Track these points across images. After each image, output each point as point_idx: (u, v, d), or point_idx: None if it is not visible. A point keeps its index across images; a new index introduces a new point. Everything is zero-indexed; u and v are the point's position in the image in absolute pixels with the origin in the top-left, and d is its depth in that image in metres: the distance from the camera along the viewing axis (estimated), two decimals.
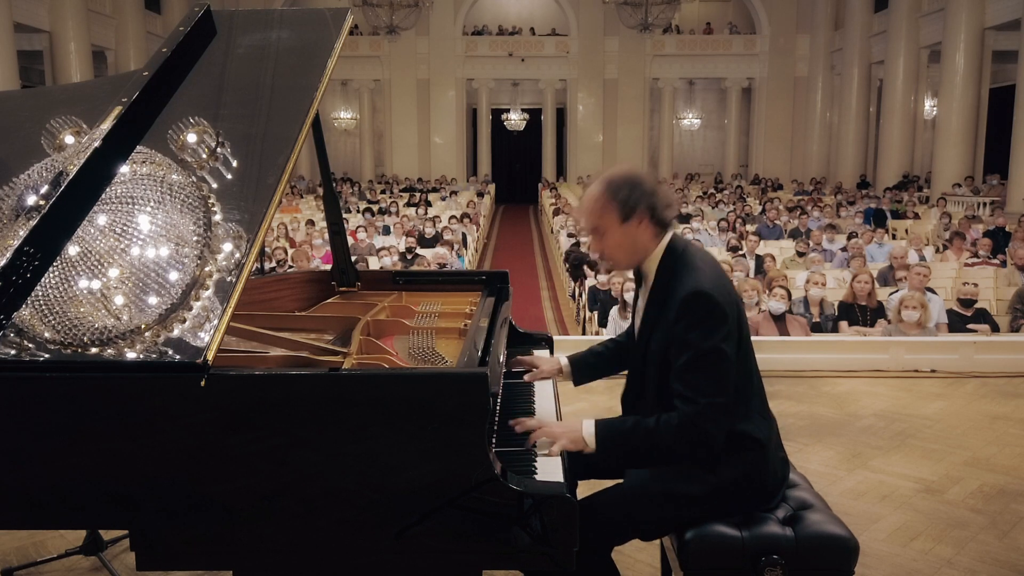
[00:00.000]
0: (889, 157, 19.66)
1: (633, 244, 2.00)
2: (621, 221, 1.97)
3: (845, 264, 8.91)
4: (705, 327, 1.87)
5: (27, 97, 2.73)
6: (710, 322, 1.88)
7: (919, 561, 2.98)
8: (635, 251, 2.02)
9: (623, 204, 1.95)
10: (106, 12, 18.52)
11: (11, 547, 3.02)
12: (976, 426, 4.56)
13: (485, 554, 1.69)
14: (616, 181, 1.98)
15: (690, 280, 1.92)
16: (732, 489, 1.96)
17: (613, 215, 1.97)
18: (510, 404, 2.24)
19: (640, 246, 2.01)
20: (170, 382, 1.64)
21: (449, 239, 11.05)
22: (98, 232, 1.78)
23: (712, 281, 1.92)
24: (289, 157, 2.04)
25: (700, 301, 1.88)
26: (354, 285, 3.03)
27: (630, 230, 1.98)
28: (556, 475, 1.80)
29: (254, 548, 1.70)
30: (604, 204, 1.97)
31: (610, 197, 1.96)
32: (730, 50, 25.66)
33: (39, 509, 1.71)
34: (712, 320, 1.88)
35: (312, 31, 2.53)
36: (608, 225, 1.98)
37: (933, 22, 17.71)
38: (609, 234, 2.00)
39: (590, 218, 2.01)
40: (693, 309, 1.88)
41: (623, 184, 1.97)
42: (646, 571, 2.86)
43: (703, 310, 1.88)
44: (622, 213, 1.96)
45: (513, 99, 26.90)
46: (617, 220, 1.97)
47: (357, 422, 1.64)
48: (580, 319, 8.58)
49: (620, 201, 1.96)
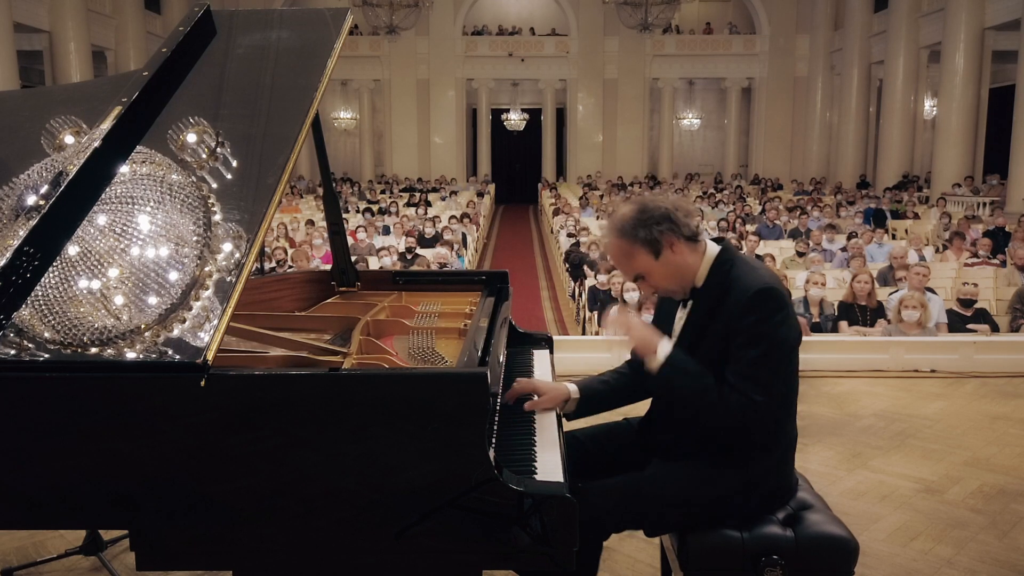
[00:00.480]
0: (889, 157, 19.66)
1: (678, 270, 1.98)
2: (655, 258, 1.95)
3: (845, 264, 8.91)
4: (779, 321, 1.88)
5: (27, 97, 2.73)
6: (781, 315, 1.88)
7: (919, 561, 2.98)
8: (684, 275, 1.99)
9: (646, 243, 1.93)
10: (106, 12, 18.51)
11: (11, 547, 3.02)
12: (976, 426, 4.56)
13: (485, 554, 1.69)
14: (628, 224, 1.95)
15: (754, 278, 1.91)
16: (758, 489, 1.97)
17: (644, 257, 1.95)
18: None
19: (685, 267, 1.98)
20: (170, 382, 1.64)
21: (449, 239, 11.04)
22: (98, 232, 1.78)
23: (773, 280, 1.92)
24: (289, 157, 2.03)
25: (772, 295, 1.88)
26: (354, 285, 3.03)
27: (668, 260, 1.95)
28: (556, 475, 1.80)
29: (254, 548, 1.70)
30: (630, 251, 1.96)
31: (631, 242, 1.94)
32: (730, 50, 25.66)
33: (39, 509, 1.71)
34: (783, 314, 1.89)
35: (312, 31, 2.53)
36: (646, 267, 1.96)
37: (933, 22, 17.70)
38: (652, 274, 1.98)
39: (626, 270, 2.01)
40: (766, 303, 1.88)
41: (635, 224, 1.94)
42: (646, 571, 2.86)
43: (775, 304, 1.88)
44: (652, 250, 1.94)
45: (513, 99, 26.90)
46: (651, 259, 1.95)
47: (357, 422, 1.64)
48: (580, 319, 8.58)
49: (642, 241, 1.93)
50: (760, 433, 1.93)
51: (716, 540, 1.91)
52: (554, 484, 1.73)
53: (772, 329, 1.87)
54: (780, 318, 1.88)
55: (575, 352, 5.61)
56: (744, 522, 1.94)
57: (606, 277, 7.59)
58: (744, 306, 1.88)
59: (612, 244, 2.00)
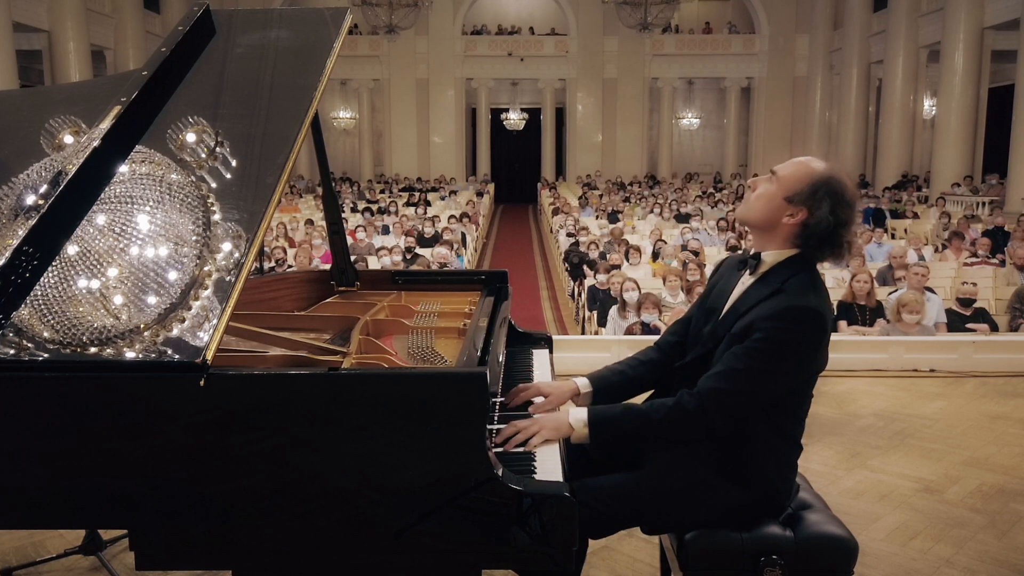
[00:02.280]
0: (888, 157, 19.67)
1: (770, 220, 1.88)
2: (785, 197, 1.85)
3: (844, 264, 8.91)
4: (797, 338, 1.80)
5: (26, 97, 2.72)
6: (805, 336, 1.81)
7: (918, 560, 2.98)
8: (763, 227, 1.90)
9: (805, 193, 1.83)
10: (105, 11, 18.51)
11: (10, 547, 3.01)
12: (975, 426, 4.57)
13: (485, 554, 1.69)
14: (832, 179, 1.84)
15: (813, 298, 1.83)
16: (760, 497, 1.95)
17: (792, 187, 1.84)
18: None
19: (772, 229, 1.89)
20: (169, 382, 1.64)
21: (448, 239, 11.04)
22: (97, 231, 1.78)
23: (823, 306, 1.84)
24: (288, 157, 2.03)
25: (808, 316, 1.80)
26: (353, 285, 3.03)
27: (781, 210, 1.86)
28: (556, 475, 1.80)
29: (253, 548, 1.70)
30: (803, 177, 1.84)
31: (812, 181, 1.83)
32: (729, 50, 25.67)
33: (38, 509, 1.71)
34: (809, 337, 1.81)
35: (311, 30, 2.53)
36: (781, 187, 1.86)
37: (932, 22, 17.71)
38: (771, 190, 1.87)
39: (784, 167, 1.89)
40: (796, 319, 1.80)
41: (832, 185, 1.83)
42: (646, 571, 2.86)
43: (806, 325, 1.80)
44: (796, 195, 1.84)
45: (512, 99, 26.91)
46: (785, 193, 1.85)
47: (356, 422, 1.64)
48: (579, 319, 8.58)
49: (807, 191, 1.83)
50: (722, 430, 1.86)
51: (715, 540, 1.91)
52: (553, 484, 1.72)
53: (781, 335, 1.79)
54: (801, 337, 1.81)
55: (575, 352, 5.61)
56: (743, 522, 1.94)
57: (605, 277, 7.60)
58: (782, 312, 1.81)
59: (814, 164, 1.88)
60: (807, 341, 1.82)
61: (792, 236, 1.89)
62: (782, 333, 1.80)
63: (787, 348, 1.81)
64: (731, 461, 1.94)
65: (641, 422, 1.90)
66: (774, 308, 1.82)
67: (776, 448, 1.97)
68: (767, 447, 1.95)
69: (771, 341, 1.80)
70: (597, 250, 10.37)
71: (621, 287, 6.63)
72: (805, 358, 1.85)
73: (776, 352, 1.81)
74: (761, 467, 1.95)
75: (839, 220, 1.83)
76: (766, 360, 1.81)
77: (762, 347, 1.81)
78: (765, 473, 1.95)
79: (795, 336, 1.81)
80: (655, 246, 10.09)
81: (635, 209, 15.99)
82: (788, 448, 1.99)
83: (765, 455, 1.95)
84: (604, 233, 12.12)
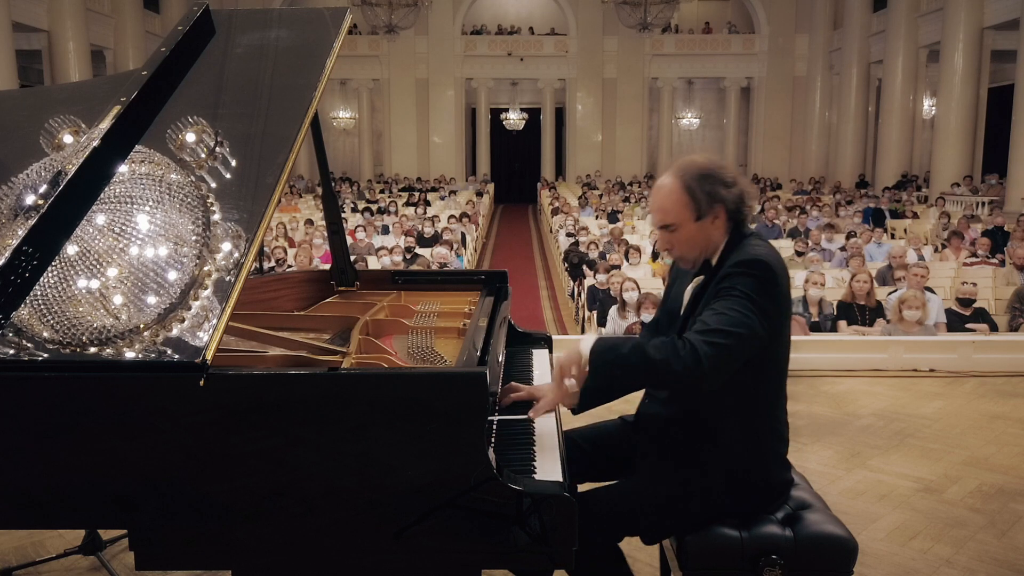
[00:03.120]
0: (888, 157, 19.68)
1: (706, 241, 1.89)
2: (696, 218, 1.84)
3: (844, 264, 8.92)
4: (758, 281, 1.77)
5: (26, 96, 2.72)
6: (764, 278, 1.77)
7: (918, 560, 2.98)
8: (706, 247, 1.90)
9: (700, 201, 1.83)
10: (105, 11, 18.50)
11: (10, 547, 3.01)
12: (975, 425, 4.57)
13: (484, 554, 1.69)
14: (695, 172, 1.84)
15: (753, 250, 1.82)
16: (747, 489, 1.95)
17: (688, 212, 1.84)
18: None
19: (711, 242, 1.90)
20: (169, 382, 1.64)
21: (448, 239, 11.04)
22: (97, 231, 1.78)
23: (770, 256, 1.83)
24: (288, 156, 2.03)
25: (757, 266, 1.78)
26: (353, 285, 3.03)
27: (704, 227, 1.86)
28: (555, 475, 1.80)
29: (253, 548, 1.70)
30: (679, 200, 1.84)
31: (687, 192, 1.83)
32: (729, 50, 25.68)
33: (38, 509, 1.71)
34: (764, 285, 1.77)
35: (311, 30, 2.53)
36: (682, 222, 1.86)
37: (932, 22, 17.71)
38: (681, 231, 1.87)
39: (661, 214, 1.88)
40: (748, 267, 1.78)
41: (702, 177, 1.83)
42: (646, 571, 2.86)
43: (759, 269, 1.78)
44: (697, 210, 1.83)
45: (512, 99, 26.91)
46: (692, 217, 1.84)
47: (356, 422, 1.64)
48: (579, 318, 8.58)
49: (697, 197, 1.82)
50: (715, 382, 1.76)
51: (715, 540, 1.91)
52: (553, 484, 1.72)
53: (747, 289, 1.76)
54: (762, 285, 1.77)
55: None
56: (743, 522, 1.94)
57: (605, 276, 7.60)
58: (727, 270, 1.81)
59: (666, 184, 1.87)
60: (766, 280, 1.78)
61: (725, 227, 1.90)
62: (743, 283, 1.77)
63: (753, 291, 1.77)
64: (716, 460, 1.95)
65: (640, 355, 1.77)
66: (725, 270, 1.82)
67: (759, 442, 1.96)
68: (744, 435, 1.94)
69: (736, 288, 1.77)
70: (597, 250, 10.37)
71: (621, 287, 6.63)
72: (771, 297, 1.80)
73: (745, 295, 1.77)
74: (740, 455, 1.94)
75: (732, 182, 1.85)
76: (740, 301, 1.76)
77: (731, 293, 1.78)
78: (752, 468, 1.95)
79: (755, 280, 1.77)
80: (655, 246, 10.08)
81: (635, 209, 15.99)
82: (772, 440, 1.98)
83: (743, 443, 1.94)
84: (604, 233, 12.13)
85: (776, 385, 1.97)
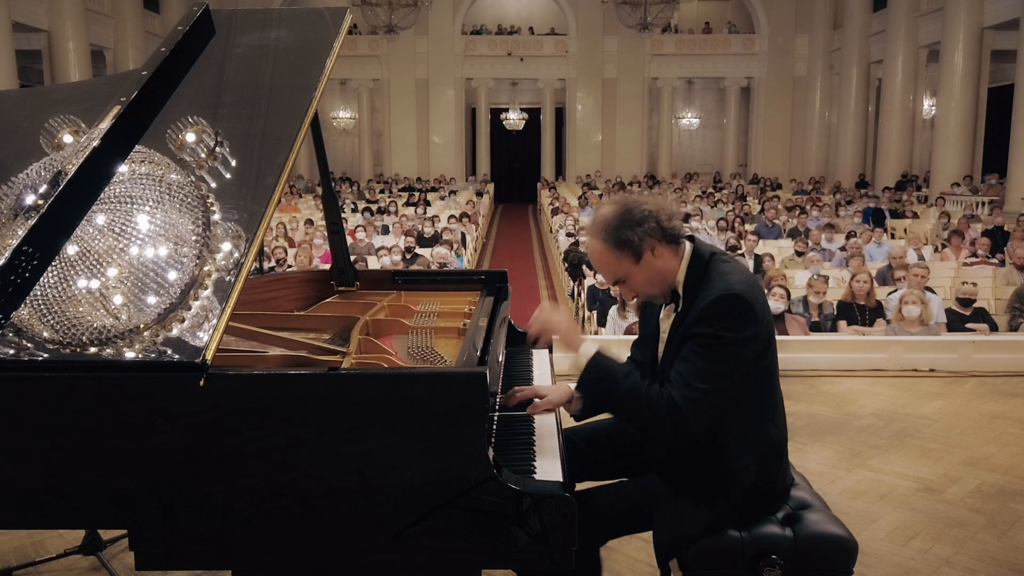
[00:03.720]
0: (888, 157, 19.66)
1: (659, 274, 1.95)
2: (636, 261, 1.92)
3: (844, 264, 8.91)
4: (731, 325, 1.82)
5: (26, 96, 2.72)
6: (738, 321, 1.83)
7: (918, 560, 2.98)
8: (665, 278, 1.96)
9: (628, 245, 1.90)
10: (105, 11, 18.49)
11: (10, 547, 3.01)
12: (975, 425, 4.57)
13: (484, 554, 1.69)
14: (610, 226, 1.92)
15: (720, 284, 1.87)
16: (749, 494, 1.95)
17: (626, 260, 1.92)
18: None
19: (666, 271, 1.95)
20: (169, 382, 1.64)
21: (448, 239, 11.04)
22: (97, 231, 1.78)
23: (743, 284, 1.87)
24: (288, 156, 2.03)
25: (730, 302, 1.83)
26: (353, 285, 3.03)
27: (649, 263, 1.93)
28: (555, 475, 1.80)
29: (253, 548, 1.70)
30: (611, 254, 1.93)
31: (613, 246, 1.92)
32: (729, 50, 25.67)
33: (38, 509, 1.71)
34: (742, 320, 1.83)
35: (311, 30, 2.53)
36: (626, 270, 1.94)
37: (932, 22, 17.71)
38: (633, 278, 1.96)
39: (607, 273, 1.98)
40: (722, 310, 1.83)
41: (617, 225, 1.91)
42: (645, 571, 2.86)
43: (733, 311, 1.83)
44: (633, 254, 1.91)
45: (512, 98, 26.90)
46: (631, 263, 1.92)
47: (356, 422, 1.64)
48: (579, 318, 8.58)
49: (624, 244, 1.90)
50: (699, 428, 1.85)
51: (715, 540, 1.91)
52: (553, 484, 1.72)
53: (723, 335, 1.82)
54: (736, 324, 1.83)
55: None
56: (743, 522, 1.94)
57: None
58: (701, 312, 1.85)
59: (593, 246, 1.96)
60: (741, 322, 1.83)
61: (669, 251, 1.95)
62: (718, 330, 1.82)
63: (728, 339, 1.82)
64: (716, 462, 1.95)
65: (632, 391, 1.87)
66: (699, 311, 1.86)
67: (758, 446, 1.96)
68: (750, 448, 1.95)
69: (711, 339, 1.83)
70: None
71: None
72: (748, 339, 1.84)
73: (720, 346, 1.83)
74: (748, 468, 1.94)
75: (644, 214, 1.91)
76: (716, 355, 1.83)
77: (707, 345, 1.83)
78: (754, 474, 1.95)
79: (728, 324, 1.82)
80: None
81: None
82: (771, 443, 1.98)
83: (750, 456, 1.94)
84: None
85: (770, 394, 1.99)
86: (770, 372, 1.97)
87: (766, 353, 1.91)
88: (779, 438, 2.01)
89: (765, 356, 1.91)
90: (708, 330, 1.83)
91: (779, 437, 2.01)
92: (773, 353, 1.96)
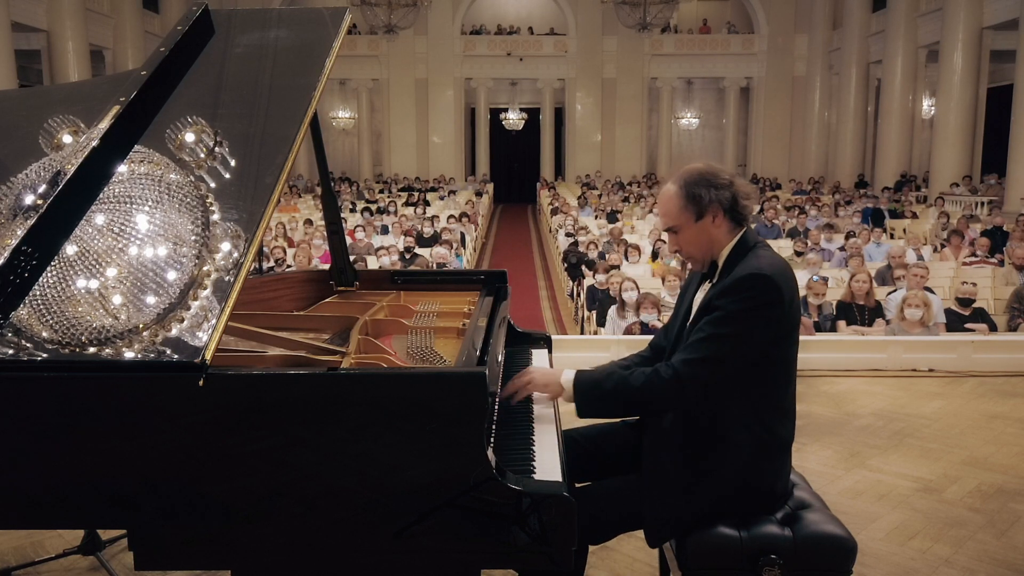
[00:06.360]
0: (887, 157, 19.68)
1: (709, 240, 2.01)
2: (696, 219, 1.99)
3: (843, 264, 8.92)
4: (751, 304, 1.87)
5: (25, 96, 2.72)
6: (760, 300, 1.87)
7: (917, 560, 2.98)
8: (710, 247, 2.03)
9: (697, 202, 1.97)
10: (104, 11, 18.49)
11: (9, 547, 3.01)
12: (974, 425, 4.57)
13: (484, 553, 1.69)
14: (691, 178, 1.99)
15: (753, 263, 1.92)
16: (745, 488, 1.95)
17: (688, 214, 1.99)
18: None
19: (715, 241, 2.01)
20: (168, 382, 1.64)
21: (447, 239, 11.04)
22: (96, 231, 1.78)
23: (774, 268, 1.92)
24: (287, 156, 2.03)
25: (756, 280, 1.88)
26: (352, 285, 3.03)
27: (705, 227, 1.99)
28: (555, 474, 1.80)
29: (253, 548, 1.70)
30: (678, 203, 1.99)
31: (684, 195, 1.98)
32: (728, 50, 25.68)
33: (37, 509, 1.71)
34: (763, 299, 1.88)
35: (310, 30, 2.53)
36: (683, 223, 2.00)
37: (931, 22, 17.72)
38: (684, 232, 2.02)
39: (666, 218, 2.04)
40: (746, 286, 1.88)
41: (698, 181, 1.98)
42: (645, 571, 2.86)
43: (756, 288, 1.88)
44: (696, 211, 1.98)
45: (511, 98, 26.91)
46: (692, 218, 1.99)
47: (355, 422, 1.64)
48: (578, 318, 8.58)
49: (694, 199, 1.97)
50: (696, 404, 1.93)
51: (714, 540, 1.91)
52: (553, 483, 1.72)
53: (739, 308, 1.87)
54: (755, 304, 1.88)
55: (574, 352, 5.61)
56: (742, 521, 1.94)
57: (604, 276, 7.60)
58: (727, 286, 1.91)
59: (667, 189, 2.03)
60: (762, 303, 1.88)
61: (727, 226, 2.01)
62: (735, 303, 1.89)
63: (744, 314, 1.88)
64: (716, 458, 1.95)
65: (621, 386, 1.96)
66: (724, 285, 1.93)
67: (760, 441, 1.96)
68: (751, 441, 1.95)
69: (727, 310, 1.89)
70: (596, 250, 10.38)
71: (620, 287, 6.63)
72: (765, 320, 1.89)
73: (734, 318, 1.88)
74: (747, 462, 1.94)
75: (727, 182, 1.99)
76: (726, 326, 1.89)
77: (721, 316, 1.89)
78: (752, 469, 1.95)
79: (748, 302, 1.88)
80: (654, 246, 10.10)
81: (634, 209, 15.99)
82: (775, 441, 1.98)
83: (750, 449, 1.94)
84: (603, 233, 12.12)
85: (783, 391, 2.00)
86: (786, 367, 1.99)
87: (785, 343, 1.95)
88: (784, 437, 2.00)
89: (783, 346, 1.95)
90: (726, 302, 1.89)
91: (784, 436, 2.01)
92: (793, 348, 1.99)
